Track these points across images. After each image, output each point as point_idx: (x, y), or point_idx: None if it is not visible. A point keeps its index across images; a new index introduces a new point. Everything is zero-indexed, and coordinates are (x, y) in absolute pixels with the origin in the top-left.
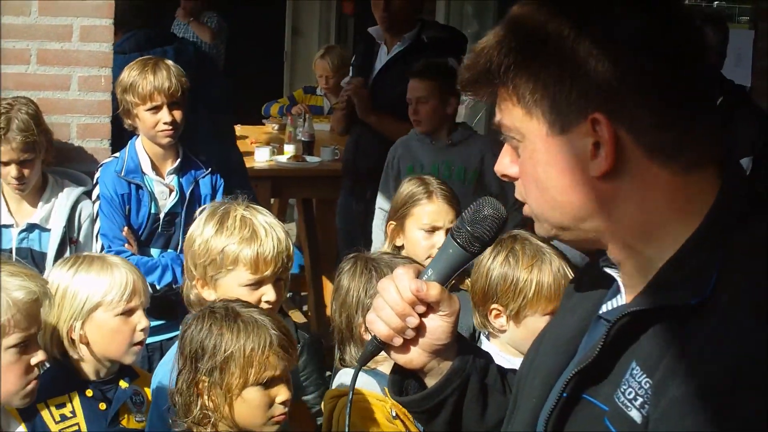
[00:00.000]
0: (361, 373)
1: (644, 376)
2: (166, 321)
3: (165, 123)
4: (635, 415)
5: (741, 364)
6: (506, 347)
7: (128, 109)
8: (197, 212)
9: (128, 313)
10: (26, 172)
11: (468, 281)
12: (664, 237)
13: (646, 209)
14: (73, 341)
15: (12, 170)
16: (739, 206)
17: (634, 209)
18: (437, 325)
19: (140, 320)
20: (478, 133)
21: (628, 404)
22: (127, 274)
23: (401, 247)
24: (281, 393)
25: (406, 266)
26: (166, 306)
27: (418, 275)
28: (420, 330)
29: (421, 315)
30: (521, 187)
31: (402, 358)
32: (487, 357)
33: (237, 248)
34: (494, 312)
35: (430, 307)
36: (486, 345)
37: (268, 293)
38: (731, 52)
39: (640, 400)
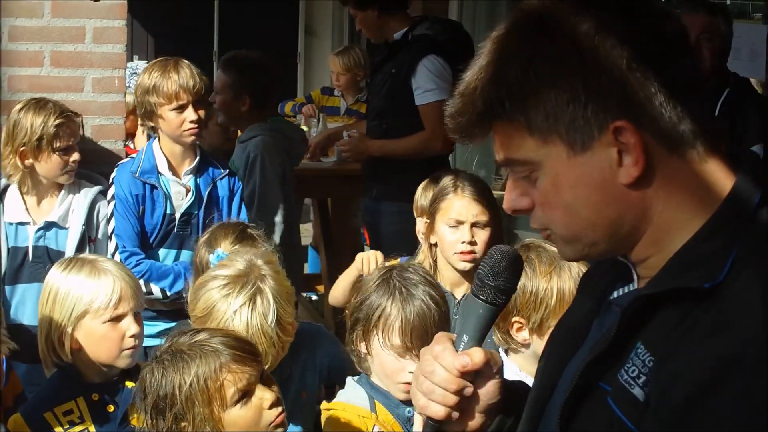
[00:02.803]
0: (354, 384)
1: (648, 354)
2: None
3: (191, 122)
4: (638, 392)
5: (745, 348)
6: (528, 363)
7: (151, 110)
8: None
9: (116, 319)
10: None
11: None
12: (687, 230)
13: (672, 206)
14: (64, 346)
15: (76, 154)
16: (756, 194)
17: (663, 208)
18: (488, 386)
19: (129, 326)
20: (261, 136)
21: (632, 382)
22: (114, 281)
23: (435, 245)
24: (266, 397)
25: (442, 341)
26: (180, 309)
27: (454, 345)
28: (473, 396)
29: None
30: (541, 216)
31: (461, 428)
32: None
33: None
34: (516, 326)
35: (477, 372)
36: (506, 362)
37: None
38: (745, 47)
39: (643, 378)
